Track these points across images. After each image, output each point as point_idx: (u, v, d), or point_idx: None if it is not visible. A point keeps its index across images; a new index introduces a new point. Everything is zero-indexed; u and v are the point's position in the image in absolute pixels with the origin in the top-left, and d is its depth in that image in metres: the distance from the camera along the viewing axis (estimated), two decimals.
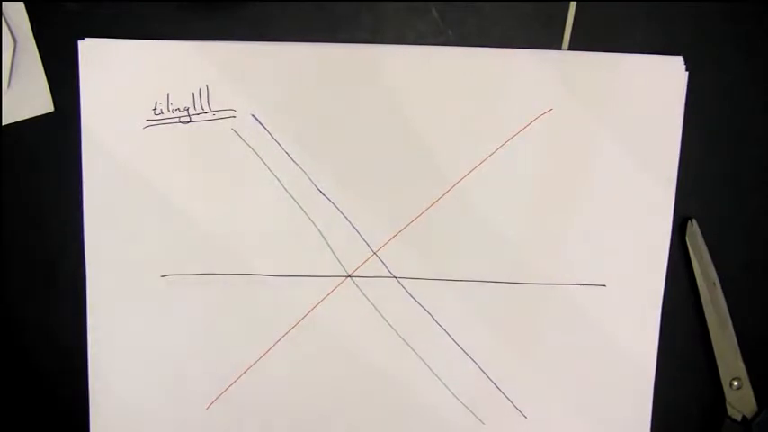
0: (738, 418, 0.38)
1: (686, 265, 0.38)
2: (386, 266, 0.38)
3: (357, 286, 0.38)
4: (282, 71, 0.37)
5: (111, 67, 0.37)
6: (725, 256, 0.38)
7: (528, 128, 0.38)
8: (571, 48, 0.38)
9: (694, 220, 0.38)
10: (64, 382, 0.38)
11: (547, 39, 0.38)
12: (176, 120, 0.37)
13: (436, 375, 0.38)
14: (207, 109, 0.37)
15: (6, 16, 0.36)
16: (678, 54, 0.37)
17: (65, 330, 0.38)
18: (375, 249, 0.38)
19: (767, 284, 0.39)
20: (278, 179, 0.37)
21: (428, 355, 0.38)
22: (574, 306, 0.38)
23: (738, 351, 0.38)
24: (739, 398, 0.38)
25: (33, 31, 0.37)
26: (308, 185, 0.38)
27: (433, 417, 0.39)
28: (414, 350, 0.38)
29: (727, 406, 0.38)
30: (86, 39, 0.37)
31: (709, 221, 0.38)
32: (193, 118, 0.37)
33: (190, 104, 0.37)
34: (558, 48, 0.38)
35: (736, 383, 0.38)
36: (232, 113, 0.37)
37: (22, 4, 0.36)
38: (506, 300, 0.38)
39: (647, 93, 0.37)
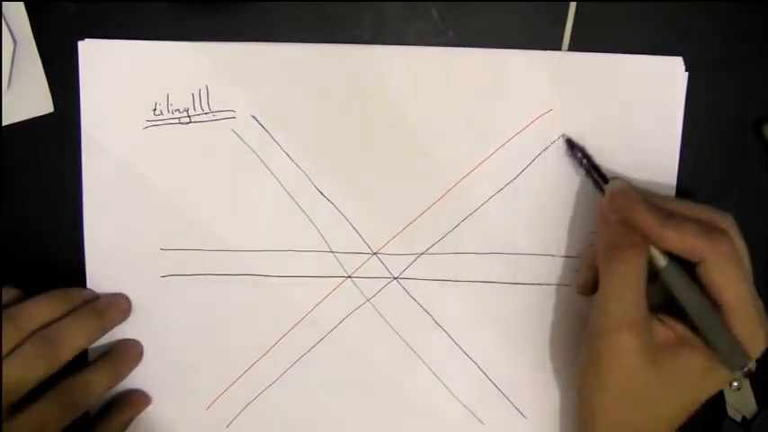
0: (738, 418, 0.38)
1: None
2: (386, 267, 0.38)
3: (357, 287, 0.38)
4: (282, 72, 0.37)
5: (110, 67, 0.37)
6: None
7: (528, 128, 0.38)
8: (571, 48, 0.38)
9: None
10: None
11: (547, 39, 0.38)
12: (176, 120, 0.37)
13: (436, 375, 0.38)
14: (207, 109, 0.37)
15: (6, 17, 0.36)
16: (678, 54, 0.37)
17: None
18: (375, 250, 0.38)
19: (767, 285, 0.39)
20: (278, 180, 0.37)
21: (428, 355, 0.38)
22: (574, 306, 0.38)
23: None
24: (739, 399, 0.38)
25: (33, 32, 0.36)
26: (308, 186, 0.37)
27: (433, 417, 0.39)
28: (414, 350, 0.38)
29: (727, 407, 0.38)
30: (86, 39, 0.37)
31: None
32: (193, 118, 0.37)
33: (189, 105, 0.37)
34: (558, 48, 0.38)
35: (735, 384, 0.38)
36: (232, 114, 0.37)
37: (21, 4, 0.36)
38: (506, 300, 0.38)
39: (647, 93, 0.37)
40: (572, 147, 0.37)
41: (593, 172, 0.36)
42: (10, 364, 0.30)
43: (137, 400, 0.37)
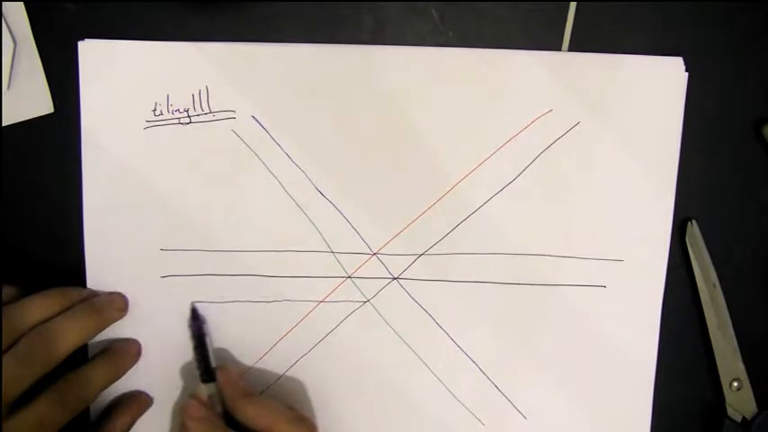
0: (738, 419, 0.38)
1: (686, 266, 0.38)
2: (386, 267, 0.38)
3: (357, 287, 0.38)
4: (282, 72, 0.37)
5: (110, 67, 0.37)
6: (725, 257, 0.38)
7: (528, 128, 0.38)
8: (571, 48, 0.38)
9: (694, 221, 0.38)
10: None
11: (547, 39, 0.38)
12: (176, 121, 0.37)
13: (436, 376, 0.38)
14: (207, 110, 0.37)
15: (6, 17, 0.36)
16: (678, 55, 0.37)
17: None
18: (375, 250, 0.38)
19: (767, 285, 0.39)
20: (278, 180, 0.37)
21: (428, 355, 0.38)
22: (574, 307, 0.38)
23: (738, 352, 0.38)
24: (739, 399, 0.38)
25: (33, 32, 0.36)
26: (308, 186, 0.37)
27: (433, 417, 0.39)
28: (414, 351, 0.38)
29: (727, 407, 0.38)
30: (86, 39, 0.37)
31: (709, 222, 0.38)
32: (193, 119, 0.37)
33: (189, 105, 0.37)
34: (558, 48, 0.38)
35: (735, 384, 0.38)
36: (232, 114, 0.37)
37: (21, 4, 0.36)
38: (506, 301, 0.38)
39: (647, 93, 0.37)
40: (194, 318, 0.37)
41: (199, 353, 0.36)
42: (6, 361, 0.30)
43: (138, 402, 0.37)
